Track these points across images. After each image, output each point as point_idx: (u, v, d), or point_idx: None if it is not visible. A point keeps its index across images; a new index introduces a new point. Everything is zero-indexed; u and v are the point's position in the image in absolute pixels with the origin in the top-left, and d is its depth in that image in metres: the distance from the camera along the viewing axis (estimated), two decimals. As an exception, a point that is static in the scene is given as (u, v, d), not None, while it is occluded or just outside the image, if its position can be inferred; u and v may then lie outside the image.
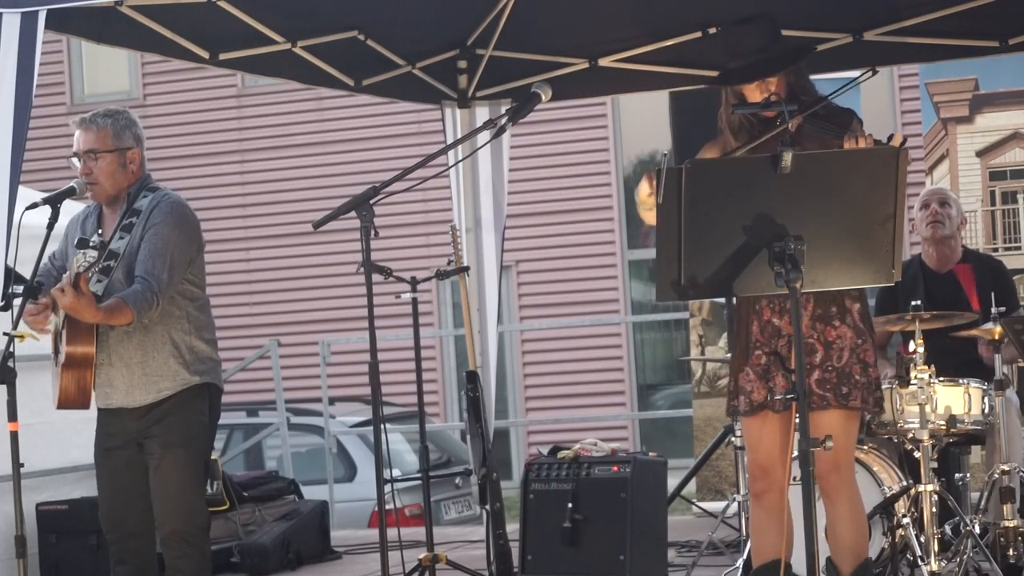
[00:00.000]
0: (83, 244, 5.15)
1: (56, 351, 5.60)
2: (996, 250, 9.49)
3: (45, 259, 5.73)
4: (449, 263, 7.37)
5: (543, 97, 5.15)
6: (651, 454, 7.03)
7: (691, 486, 9.47)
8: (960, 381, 6.63)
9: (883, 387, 6.72)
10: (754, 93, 4.99)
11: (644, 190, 14.84)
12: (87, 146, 5.55)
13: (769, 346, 4.97)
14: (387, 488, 5.56)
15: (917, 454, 6.49)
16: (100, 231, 5.25)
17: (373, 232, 4.93)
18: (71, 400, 5.54)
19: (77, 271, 5.15)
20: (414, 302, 7.07)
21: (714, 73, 5.34)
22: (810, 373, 4.92)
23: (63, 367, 5.47)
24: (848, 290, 4.93)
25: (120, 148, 5.57)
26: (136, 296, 5.36)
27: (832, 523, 5.09)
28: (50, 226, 5.64)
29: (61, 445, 8.26)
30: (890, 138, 4.68)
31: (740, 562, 6.77)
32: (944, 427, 6.50)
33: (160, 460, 5.53)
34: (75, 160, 5.61)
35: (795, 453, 4.73)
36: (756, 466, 5.13)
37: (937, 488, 6.40)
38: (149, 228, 5.48)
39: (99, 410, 5.65)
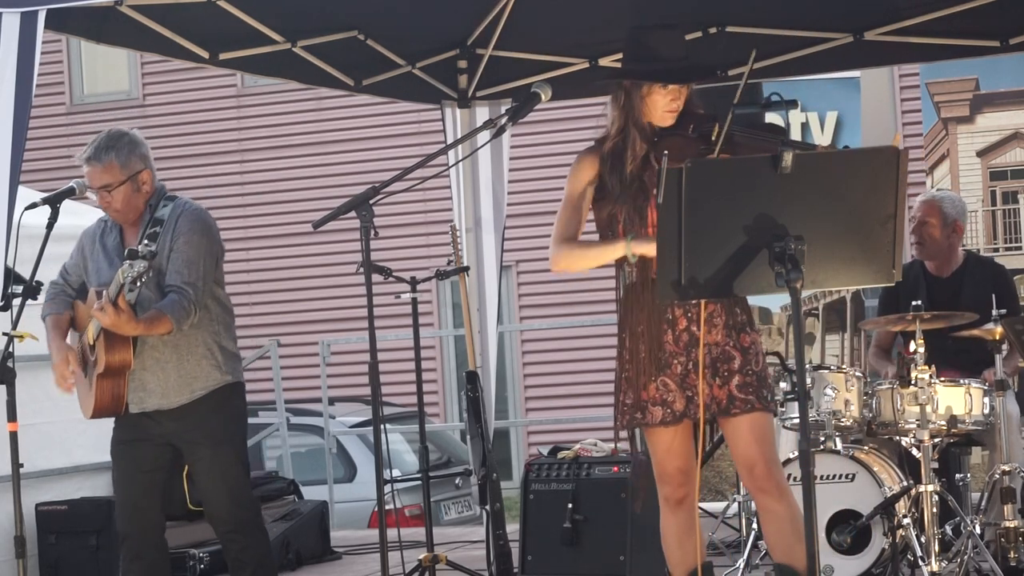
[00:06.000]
0: (133, 255, 5.18)
1: (84, 363, 5.63)
2: (996, 250, 9.49)
3: (56, 276, 5.85)
4: (449, 263, 7.38)
5: (543, 97, 5.14)
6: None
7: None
8: (961, 381, 6.63)
9: (883, 387, 6.76)
10: (663, 98, 5.00)
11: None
12: (100, 182, 5.63)
13: (686, 355, 4.97)
14: (387, 488, 5.56)
15: (917, 454, 6.49)
16: (147, 242, 5.29)
17: (373, 232, 4.92)
18: (105, 408, 5.64)
19: (122, 281, 5.21)
20: (414, 302, 7.07)
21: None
22: (729, 380, 4.96)
23: (99, 377, 5.55)
24: (738, 299, 4.97)
25: (131, 175, 5.64)
26: (174, 306, 5.49)
27: (779, 525, 5.06)
28: (50, 226, 5.65)
29: (61, 445, 8.26)
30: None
31: (741, 562, 6.77)
32: (945, 427, 6.50)
33: (212, 460, 5.67)
34: (90, 195, 5.69)
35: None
36: (679, 472, 5.11)
37: (938, 488, 6.39)
38: (178, 237, 5.60)
39: (124, 414, 5.69)
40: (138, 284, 5.23)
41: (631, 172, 5.02)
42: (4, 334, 5.51)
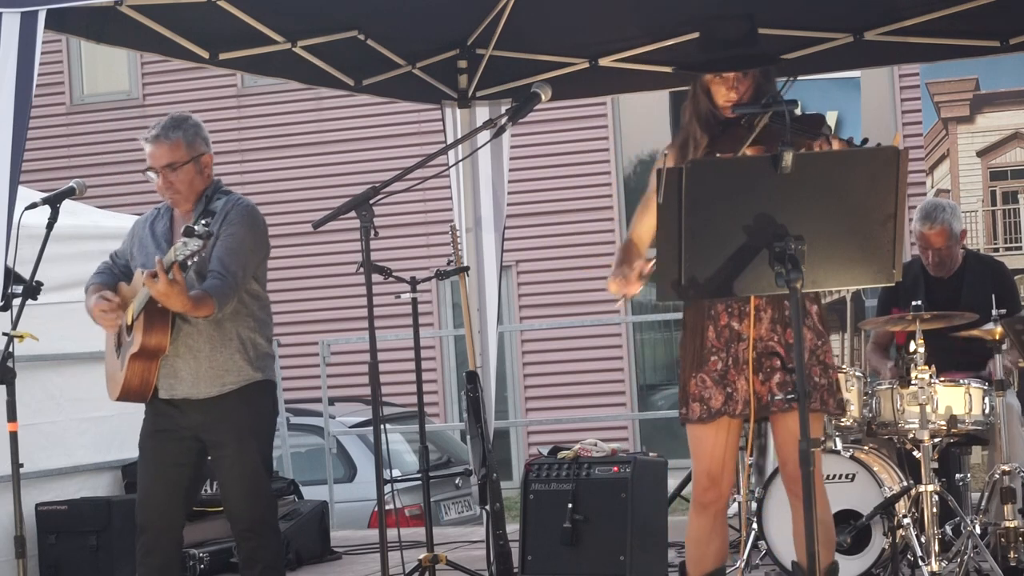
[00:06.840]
0: (189, 232, 5.18)
1: (118, 345, 5.63)
2: (997, 250, 9.50)
3: (106, 258, 5.86)
4: (449, 263, 7.38)
5: (543, 97, 5.14)
6: (651, 454, 7.02)
7: (691, 486, 9.44)
8: (961, 381, 6.63)
9: (883, 387, 6.76)
10: (720, 88, 5.02)
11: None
12: (165, 160, 5.64)
13: (727, 351, 4.97)
14: (387, 488, 5.56)
15: (917, 454, 6.49)
16: (205, 222, 5.29)
17: (373, 232, 4.93)
18: (132, 391, 5.62)
19: (175, 258, 5.20)
20: (414, 302, 7.07)
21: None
22: (771, 376, 4.94)
23: (132, 358, 5.54)
24: (806, 292, 4.94)
25: (195, 156, 5.68)
26: (217, 289, 5.51)
27: (799, 527, 5.06)
28: (50, 226, 5.65)
29: (62, 445, 8.26)
30: (864, 141, 4.72)
31: (741, 562, 6.77)
32: (945, 427, 6.50)
33: (235, 454, 5.64)
34: (151, 174, 5.68)
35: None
36: (706, 475, 5.13)
37: (938, 488, 6.40)
38: (226, 228, 5.60)
39: (154, 401, 5.68)
40: (190, 264, 5.23)
41: None
42: (4, 334, 5.51)
